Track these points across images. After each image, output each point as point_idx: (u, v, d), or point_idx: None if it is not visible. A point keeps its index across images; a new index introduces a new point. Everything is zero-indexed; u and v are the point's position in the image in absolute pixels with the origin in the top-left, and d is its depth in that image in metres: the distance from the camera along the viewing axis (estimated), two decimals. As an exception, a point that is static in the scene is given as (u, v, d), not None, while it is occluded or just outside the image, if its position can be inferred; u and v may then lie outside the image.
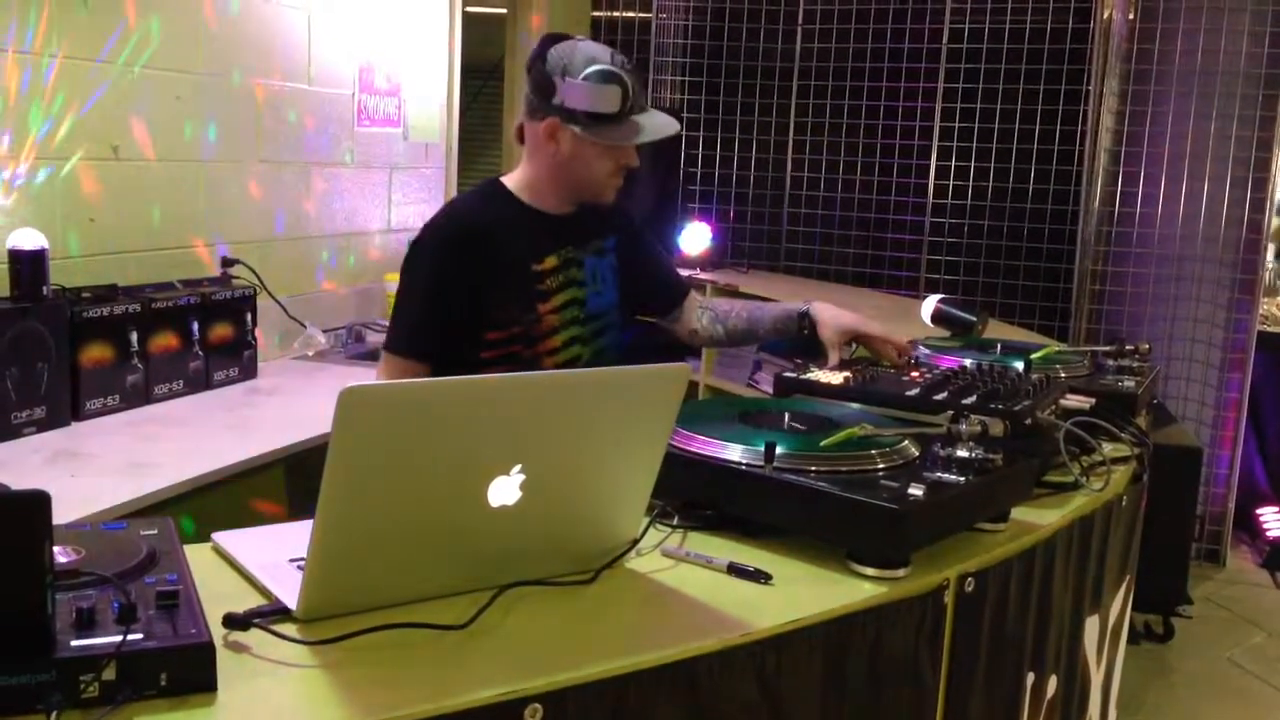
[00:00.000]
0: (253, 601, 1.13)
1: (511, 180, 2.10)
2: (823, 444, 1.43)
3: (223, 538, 1.30)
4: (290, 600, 1.11)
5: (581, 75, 1.94)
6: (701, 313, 2.33)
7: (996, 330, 3.15)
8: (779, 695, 1.18)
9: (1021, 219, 4.85)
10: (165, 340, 2.67)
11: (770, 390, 1.90)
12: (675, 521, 1.42)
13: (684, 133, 5.17)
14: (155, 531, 1.19)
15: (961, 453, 1.41)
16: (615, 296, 2.18)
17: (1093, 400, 1.87)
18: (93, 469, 2.15)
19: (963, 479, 1.37)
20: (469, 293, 1.98)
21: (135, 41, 2.74)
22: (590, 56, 1.95)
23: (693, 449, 1.44)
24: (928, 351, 2.18)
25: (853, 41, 5.03)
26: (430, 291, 1.99)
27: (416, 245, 2.04)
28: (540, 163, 2.05)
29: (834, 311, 2.15)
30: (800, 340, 2.22)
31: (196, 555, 1.22)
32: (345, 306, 3.64)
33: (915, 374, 1.88)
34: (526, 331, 2.01)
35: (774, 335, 2.28)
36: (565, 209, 2.10)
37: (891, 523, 1.26)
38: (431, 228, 2.06)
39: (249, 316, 2.96)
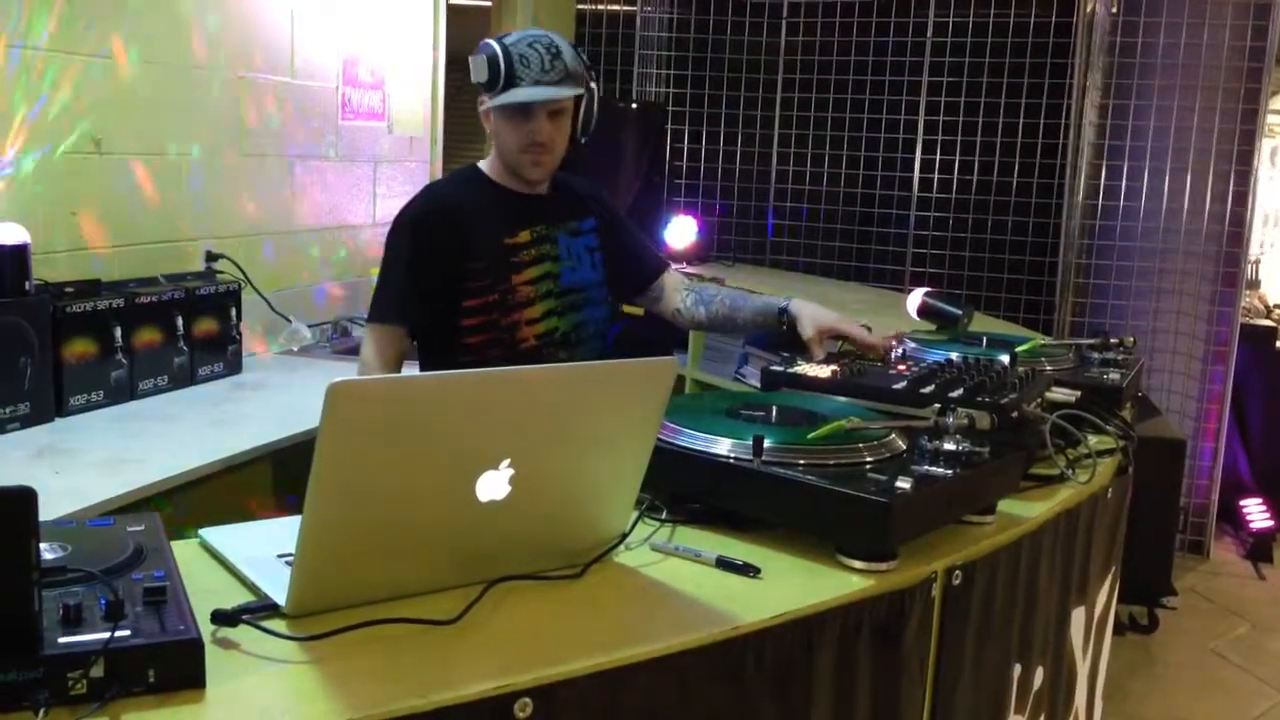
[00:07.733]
0: (241, 598, 1.13)
1: (485, 165, 2.26)
2: (810, 437, 1.43)
3: (210, 534, 1.30)
4: (279, 596, 1.11)
5: None
6: (686, 294, 2.41)
7: (981, 323, 3.16)
8: (767, 689, 1.18)
9: (1006, 212, 4.86)
10: (149, 335, 2.65)
11: (757, 384, 1.90)
12: (664, 515, 1.43)
13: (669, 126, 5.16)
14: (142, 528, 1.19)
15: (948, 446, 1.41)
16: (593, 275, 2.29)
17: (1078, 393, 1.87)
18: (78, 465, 2.13)
19: (950, 472, 1.37)
20: (443, 265, 2.11)
21: (117, 34, 2.72)
22: (504, 36, 2.13)
23: (681, 443, 1.44)
24: (914, 345, 2.19)
25: (837, 35, 5.03)
26: (406, 263, 2.12)
27: (394, 224, 2.19)
28: (493, 144, 2.22)
29: (813, 309, 2.17)
30: (780, 335, 2.24)
31: (184, 551, 1.21)
32: (330, 301, 3.62)
33: (902, 367, 1.89)
34: (502, 300, 2.13)
35: (753, 326, 2.34)
36: (535, 189, 2.22)
37: (879, 516, 1.26)
38: (408, 208, 2.21)
39: (234, 311, 2.94)
